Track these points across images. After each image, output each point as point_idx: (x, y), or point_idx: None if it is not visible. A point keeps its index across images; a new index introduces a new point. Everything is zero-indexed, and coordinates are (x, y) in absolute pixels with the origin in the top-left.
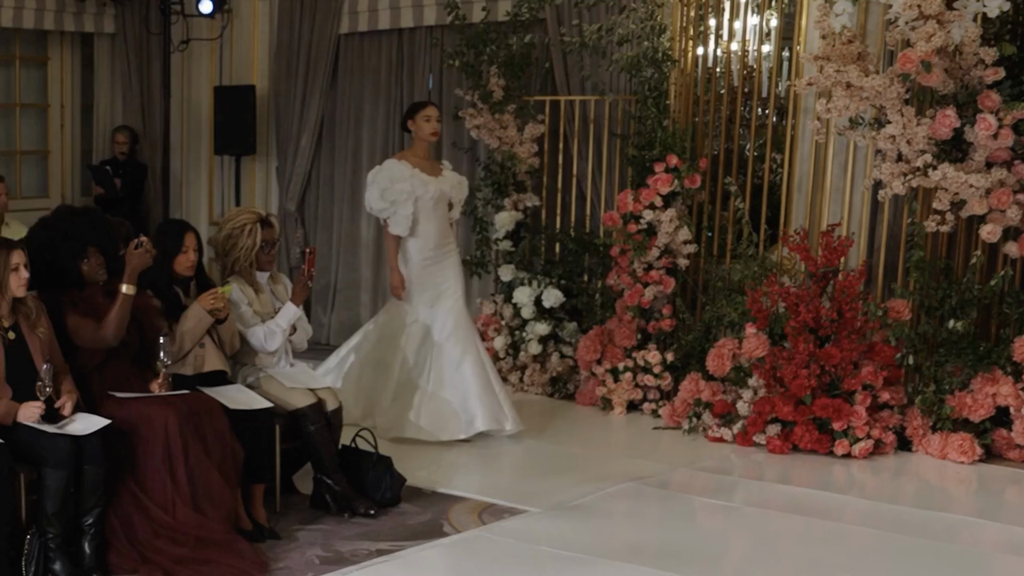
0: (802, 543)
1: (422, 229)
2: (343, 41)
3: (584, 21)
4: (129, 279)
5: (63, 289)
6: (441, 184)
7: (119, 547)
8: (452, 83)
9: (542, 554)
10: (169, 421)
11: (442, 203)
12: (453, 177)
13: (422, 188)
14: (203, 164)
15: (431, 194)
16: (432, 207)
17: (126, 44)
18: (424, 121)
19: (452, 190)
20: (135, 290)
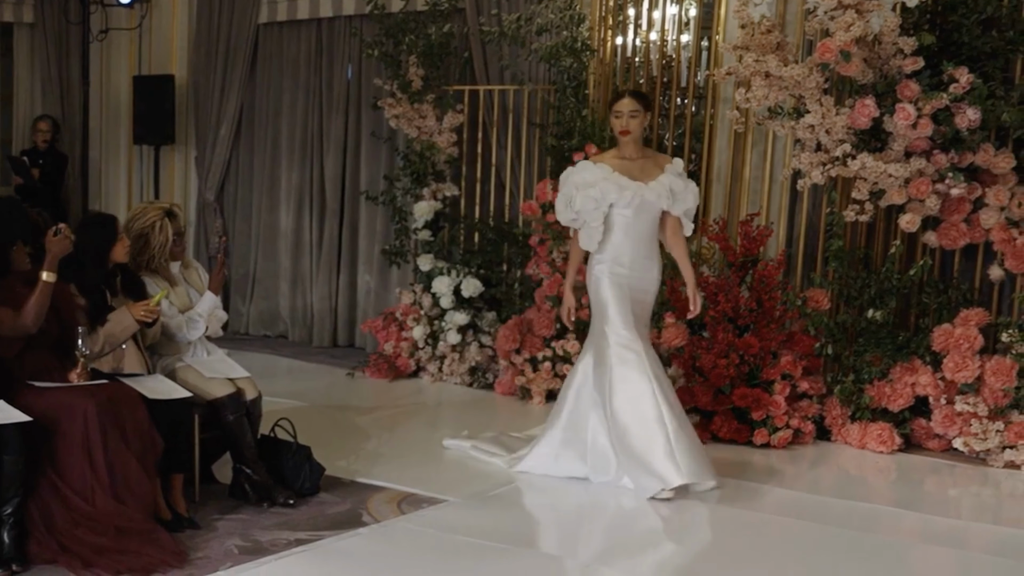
0: (719, 532)
1: (614, 243)
2: (262, 31)
3: (503, 10)
4: (49, 266)
5: None
6: (646, 192)
7: (38, 537)
8: (371, 73)
9: (461, 544)
10: (88, 411)
11: (646, 213)
12: (669, 183)
13: (616, 194)
14: (122, 154)
15: (628, 201)
16: (631, 217)
17: (45, 34)
18: (614, 118)
19: (662, 199)
20: (55, 277)
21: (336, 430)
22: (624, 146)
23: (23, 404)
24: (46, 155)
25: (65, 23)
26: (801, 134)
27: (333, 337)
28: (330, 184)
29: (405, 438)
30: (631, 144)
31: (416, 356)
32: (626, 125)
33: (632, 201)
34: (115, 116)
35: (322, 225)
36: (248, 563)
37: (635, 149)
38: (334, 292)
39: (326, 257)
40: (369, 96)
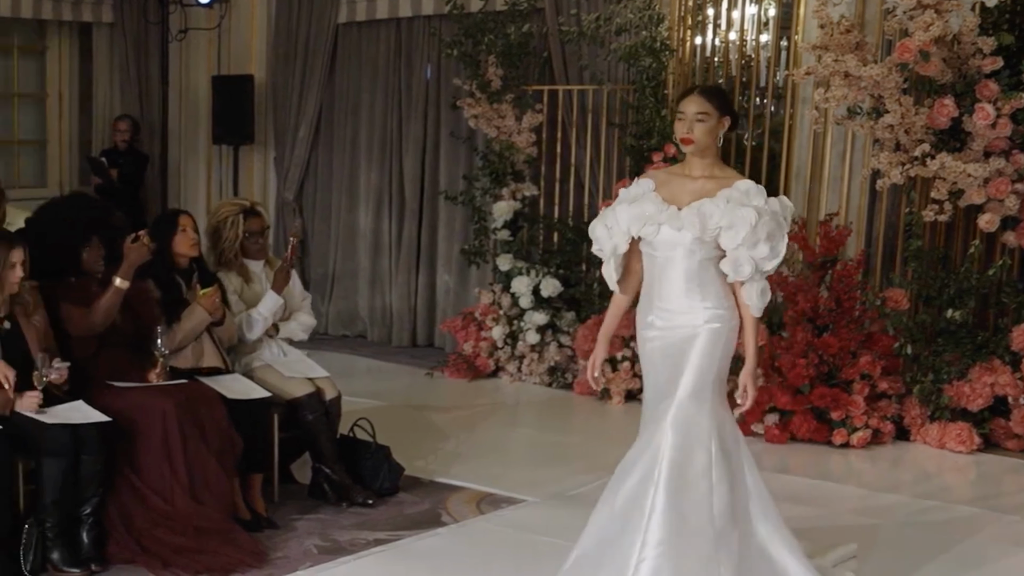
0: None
1: (644, 292)
2: (341, 31)
3: (582, 10)
4: (124, 273)
5: (59, 277)
6: (671, 220)
7: (117, 537)
8: (450, 73)
9: (540, 543)
10: (167, 411)
11: (676, 250)
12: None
13: (652, 222)
14: (201, 154)
15: (658, 231)
16: (668, 252)
17: (124, 33)
18: (677, 120)
19: (686, 230)
20: (128, 285)
21: (415, 430)
22: (688, 160)
23: (101, 404)
24: (126, 155)
25: (144, 23)
26: (880, 134)
27: (412, 337)
28: (409, 184)
29: (484, 438)
30: (696, 157)
31: (495, 356)
32: (689, 131)
33: (653, 232)
34: (194, 116)
35: (401, 225)
36: (327, 563)
37: (701, 165)
38: (413, 292)
39: (405, 257)
40: (448, 96)
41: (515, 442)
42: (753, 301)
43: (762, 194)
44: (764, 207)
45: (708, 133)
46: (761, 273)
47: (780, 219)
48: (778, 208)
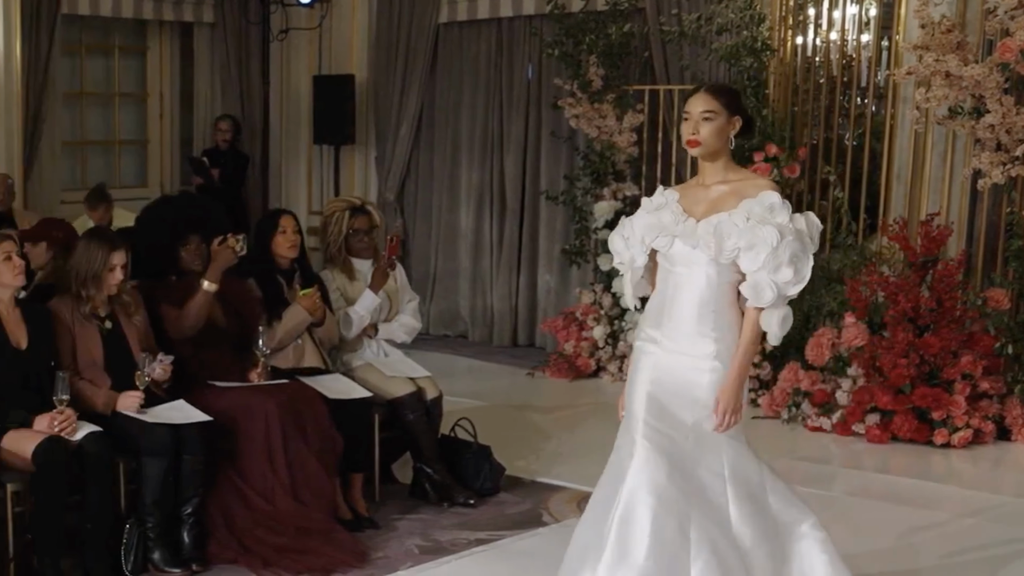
0: (901, 533)
1: (653, 299)
2: (442, 30)
3: (683, 10)
4: (211, 276)
5: (159, 277)
6: (685, 233)
7: (219, 536)
8: (551, 73)
9: None
10: (269, 411)
11: (691, 268)
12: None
13: (665, 233)
14: (302, 154)
15: (671, 244)
16: (683, 269)
17: (225, 33)
18: (683, 121)
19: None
20: (216, 287)
21: (516, 430)
22: (700, 166)
23: (203, 404)
24: (227, 155)
25: (245, 23)
26: (981, 134)
27: (513, 336)
28: (510, 184)
29: (585, 438)
30: (706, 163)
31: (596, 356)
32: (694, 132)
33: (666, 245)
34: (295, 116)
35: (502, 225)
36: (428, 563)
37: (713, 170)
38: (514, 292)
39: (506, 257)
40: (549, 96)
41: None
42: (772, 330)
43: (787, 210)
44: (788, 225)
45: (716, 134)
46: (784, 299)
47: (805, 239)
48: (803, 226)
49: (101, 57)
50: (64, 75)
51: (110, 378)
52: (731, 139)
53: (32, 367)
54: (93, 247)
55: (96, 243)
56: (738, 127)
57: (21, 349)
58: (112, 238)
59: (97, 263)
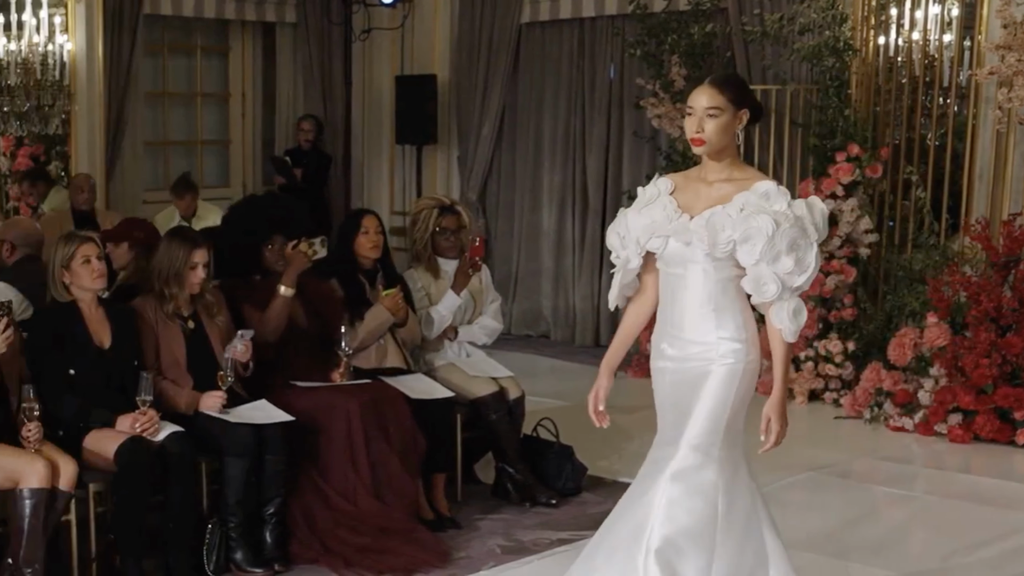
0: (983, 533)
1: (660, 314)
2: (524, 30)
3: (766, 10)
4: (286, 280)
5: (242, 278)
6: (678, 230)
7: (301, 537)
8: (633, 72)
9: None
10: (351, 411)
11: (698, 266)
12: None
13: (660, 232)
14: (384, 153)
15: (666, 244)
16: (679, 269)
17: (307, 34)
18: (687, 115)
19: (695, 242)
20: (293, 292)
21: (598, 430)
22: (703, 162)
23: (285, 403)
24: (309, 155)
25: (327, 23)
26: None
27: (596, 336)
28: (592, 184)
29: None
30: (711, 160)
31: None
32: (698, 129)
33: (660, 245)
34: (377, 116)
35: (584, 225)
36: (511, 563)
37: (717, 168)
38: (596, 291)
39: (588, 257)
40: (631, 96)
41: None
42: (785, 324)
43: (784, 196)
44: (786, 212)
45: (722, 131)
46: (791, 291)
47: (806, 225)
48: (804, 212)
49: (183, 57)
50: (146, 75)
51: (192, 378)
52: (738, 134)
53: (115, 367)
54: (175, 245)
55: (178, 241)
56: (745, 120)
57: (104, 349)
58: (194, 237)
59: (179, 261)
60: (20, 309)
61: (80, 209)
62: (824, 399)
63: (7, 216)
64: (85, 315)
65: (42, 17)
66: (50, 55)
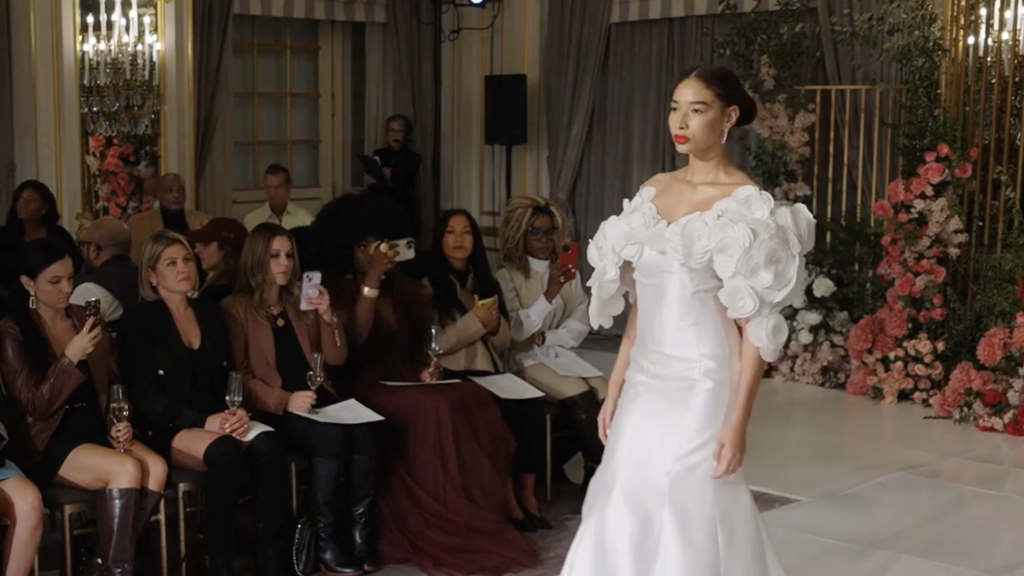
0: None
1: (637, 328)
2: (614, 30)
3: (855, 10)
4: (368, 282)
5: (333, 276)
6: (653, 239)
7: (390, 536)
8: None
9: (813, 543)
10: (441, 410)
11: (675, 278)
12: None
13: (634, 240)
14: (474, 153)
15: (641, 252)
16: (656, 280)
17: (397, 33)
18: (671, 111)
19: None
20: (376, 293)
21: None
22: (689, 162)
23: (375, 403)
24: (399, 155)
25: (417, 23)
26: None
27: None
28: None
29: (757, 437)
30: (697, 160)
31: None
32: (682, 125)
33: (635, 254)
34: (467, 116)
35: None
36: None
37: (703, 169)
38: None
39: None
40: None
41: (788, 442)
42: (763, 343)
43: (767, 203)
44: (766, 221)
45: (708, 128)
46: (770, 307)
47: (788, 235)
48: (787, 221)
49: (273, 57)
50: (236, 75)
51: (281, 377)
52: (725, 132)
53: (204, 367)
54: (256, 236)
55: (258, 232)
56: (734, 119)
57: (194, 349)
58: (274, 227)
59: (260, 250)
60: (110, 310)
61: (169, 209)
62: (914, 399)
63: (97, 216)
64: (174, 315)
65: (131, 17)
66: (139, 55)
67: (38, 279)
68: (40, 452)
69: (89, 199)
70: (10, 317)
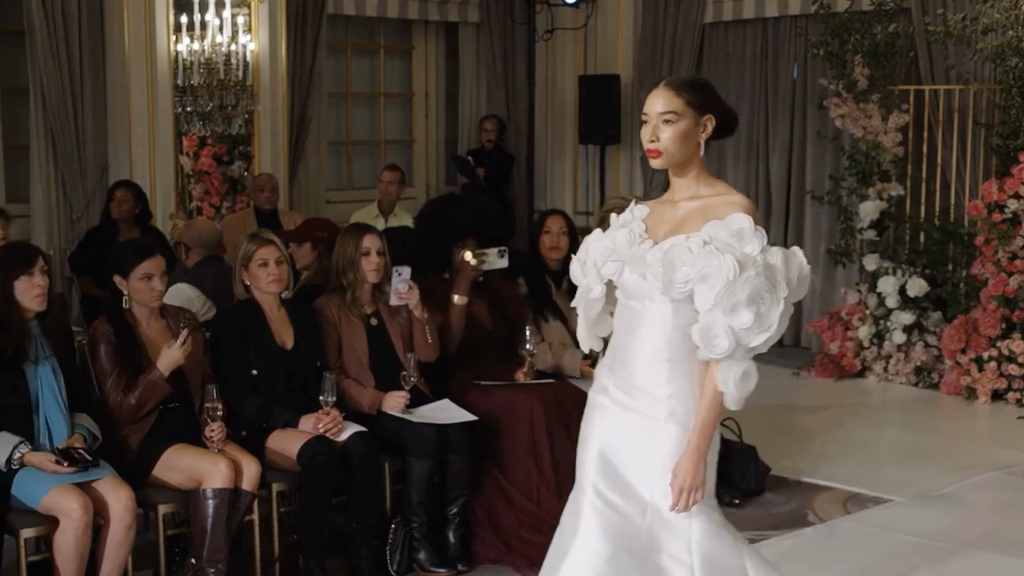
0: None
1: (611, 343)
2: (707, 30)
3: (949, 10)
4: (459, 289)
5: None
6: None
7: (484, 536)
8: (816, 72)
9: (907, 543)
10: (535, 410)
11: (656, 306)
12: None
13: (615, 258)
14: (568, 154)
15: (621, 271)
16: (636, 304)
17: (490, 33)
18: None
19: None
20: (465, 300)
21: (781, 430)
22: (670, 179)
23: (468, 403)
24: (492, 155)
25: (510, 23)
26: None
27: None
28: (775, 184)
29: (850, 437)
30: (675, 177)
31: (861, 356)
32: (652, 137)
33: (615, 272)
34: (560, 116)
35: (767, 225)
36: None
37: (682, 185)
38: None
39: None
40: (814, 96)
41: (881, 442)
42: (728, 388)
43: (759, 239)
44: (755, 257)
45: (680, 140)
46: (745, 350)
47: (777, 278)
48: (778, 262)
49: (367, 57)
50: (330, 75)
51: (374, 377)
52: (702, 144)
53: (297, 367)
54: (346, 235)
55: (349, 232)
56: (710, 129)
57: (287, 349)
58: (365, 227)
59: (350, 248)
60: (203, 310)
61: (262, 209)
62: (1008, 399)
63: (190, 216)
64: (268, 316)
65: (225, 17)
66: (233, 55)
67: (130, 277)
68: (134, 452)
69: (182, 199)
70: (104, 318)
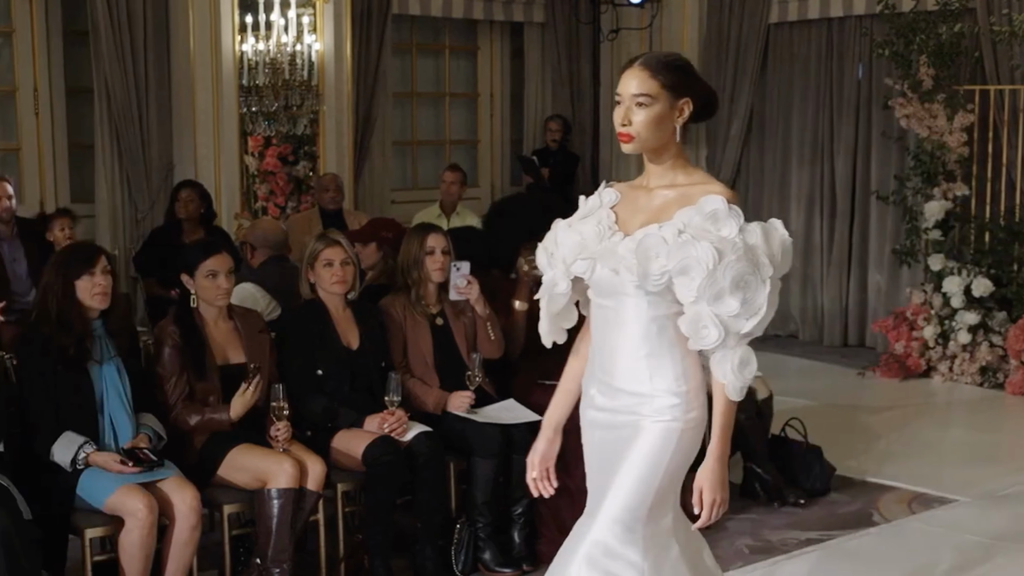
0: None
1: (591, 350)
2: (772, 30)
3: (1014, 10)
4: (520, 296)
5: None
6: (604, 255)
7: (549, 536)
8: (881, 72)
9: (972, 544)
10: None
11: (632, 300)
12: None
13: (585, 254)
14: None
15: (593, 269)
16: (610, 301)
17: (555, 33)
18: (616, 104)
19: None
20: (526, 307)
21: (846, 429)
22: (645, 165)
23: (533, 403)
24: (557, 155)
25: (575, 23)
26: None
27: (844, 336)
28: (840, 184)
29: (915, 437)
30: (651, 163)
31: (927, 356)
32: (624, 121)
33: (587, 270)
34: None
35: (832, 225)
36: (759, 563)
37: (658, 172)
38: (844, 292)
39: (836, 257)
40: (879, 96)
41: (946, 442)
42: (728, 378)
43: (736, 219)
44: (733, 240)
45: (654, 124)
46: (737, 337)
47: (759, 257)
48: (758, 240)
49: (431, 57)
50: (395, 75)
51: (439, 377)
52: (678, 130)
53: (362, 367)
54: (411, 235)
55: (414, 231)
56: (688, 113)
57: (352, 349)
58: (430, 226)
59: (415, 248)
60: (268, 310)
61: (327, 209)
62: None
63: (255, 216)
64: (333, 316)
65: (290, 17)
66: (298, 55)
67: (196, 275)
68: (198, 452)
69: (247, 199)
70: (171, 318)
